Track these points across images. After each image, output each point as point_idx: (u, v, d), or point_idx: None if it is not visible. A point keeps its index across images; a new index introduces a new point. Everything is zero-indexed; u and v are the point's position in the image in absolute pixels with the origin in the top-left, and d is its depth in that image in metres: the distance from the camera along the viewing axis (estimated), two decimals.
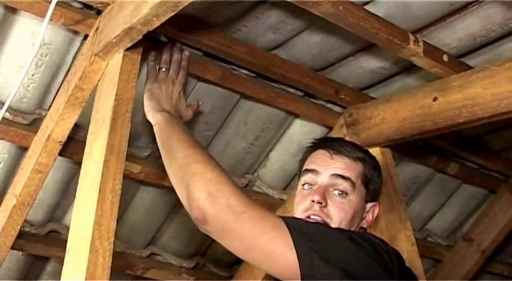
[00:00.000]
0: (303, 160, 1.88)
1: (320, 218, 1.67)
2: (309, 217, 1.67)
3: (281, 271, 1.46)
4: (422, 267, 2.19)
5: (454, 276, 3.14)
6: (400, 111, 2.16)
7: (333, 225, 1.66)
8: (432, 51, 1.99)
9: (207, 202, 1.46)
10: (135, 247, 2.64)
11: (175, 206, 2.56)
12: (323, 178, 1.73)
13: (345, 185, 1.70)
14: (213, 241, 1.54)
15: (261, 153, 2.52)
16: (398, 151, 2.42)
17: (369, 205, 1.77)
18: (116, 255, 1.60)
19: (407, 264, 1.67)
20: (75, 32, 1.96)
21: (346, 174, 1.72)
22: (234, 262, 2.81)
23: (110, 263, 1.54)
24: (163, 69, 1.91)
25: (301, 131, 2.46)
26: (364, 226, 1.77)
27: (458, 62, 2.08)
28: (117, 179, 1.63)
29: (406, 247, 2.16)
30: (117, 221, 1.60)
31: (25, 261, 2.55)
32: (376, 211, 1.79)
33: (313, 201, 1.69)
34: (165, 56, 1.92)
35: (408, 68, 2.18)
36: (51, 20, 1.74)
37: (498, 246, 3.16)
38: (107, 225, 1.57)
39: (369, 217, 1.77)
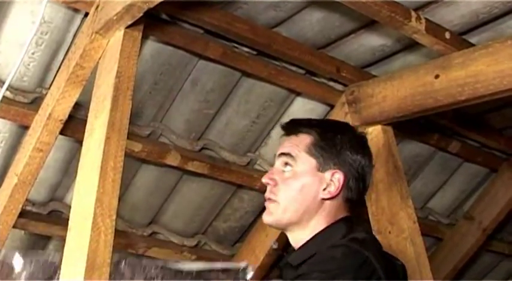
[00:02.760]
0: None
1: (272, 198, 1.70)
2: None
3: None
4: (424, 245, 2.19)
5: (455, 254, 3.15)
6: (401, 89, 2.15)
7: (283, 200, 1.67)
8: (434, 29, 1.98)
9: None
10: (137, 226, 2.64)
11: (176, 184, 2.57)
12: (275, 161, 1.76)
13: (286, 159, 1.71)
14: (214, 219, 1.54)
15: (263, 131, 2.51)
16: (400, 129, 2.42)
17: (328, 173, 1.70)
18: (118, 234, 1.60)
19: (408, 241, 1.66)
20: (76, 10, 1.95)
21: (286, 150, 1.72)
22: (236, 241, 2.82)
23: (111, 241, 1.54)
24: None
25: (303, 109, 2.46)
26: (327, 196, 1.71)
27: (460, 39, 2.07)
28: (119, 157, 1.63)
29: (408, 224, 2.16)
30: (119, 200, 1.60)
31: (28, 240, 2.56)
32: (341, 178, 1.69)
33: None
34: None
35: (410, 46, 2.17)
36: None
37: (499, 224, 3.18)
38: (109, 203, 1.57)
39: (332, 186, 1.68)
